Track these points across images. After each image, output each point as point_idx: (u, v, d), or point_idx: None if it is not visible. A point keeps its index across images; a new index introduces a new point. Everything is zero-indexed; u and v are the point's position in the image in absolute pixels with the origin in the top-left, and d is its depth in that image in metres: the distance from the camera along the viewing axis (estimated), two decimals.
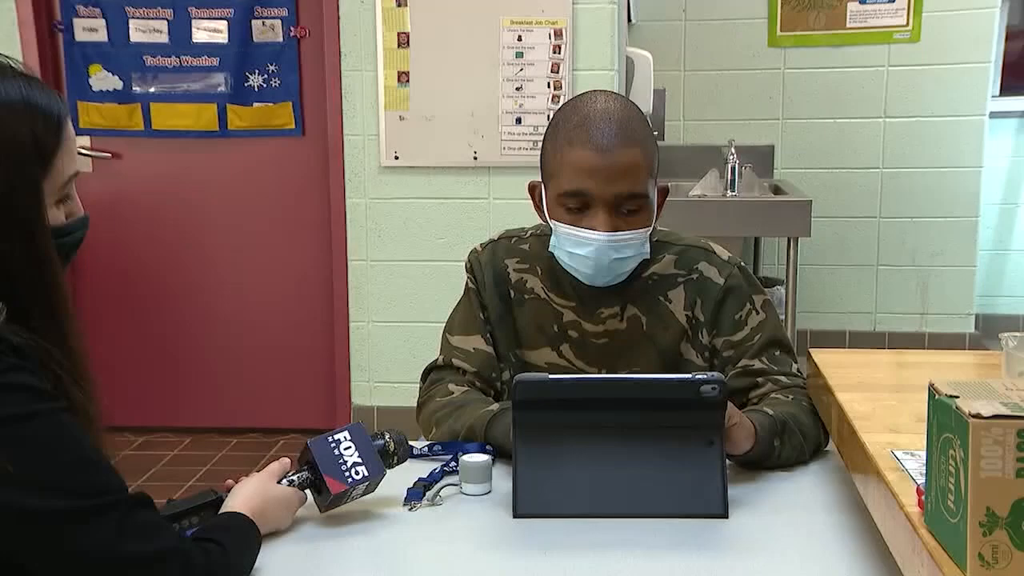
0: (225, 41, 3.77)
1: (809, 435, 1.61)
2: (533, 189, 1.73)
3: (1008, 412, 0.91)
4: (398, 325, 3.81)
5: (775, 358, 1.70)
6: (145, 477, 3.55)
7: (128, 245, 3.95)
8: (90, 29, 3.80)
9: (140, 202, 3.94)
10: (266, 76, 3.79)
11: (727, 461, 1.46)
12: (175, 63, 3.80)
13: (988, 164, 4.76)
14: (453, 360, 1.77)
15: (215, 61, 3.79)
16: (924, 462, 1.04)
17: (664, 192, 1.71)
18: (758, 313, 1.72)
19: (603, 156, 1.58)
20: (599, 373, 1.72)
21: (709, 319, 1.72)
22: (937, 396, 0.99)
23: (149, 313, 4.01)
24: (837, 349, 1.89)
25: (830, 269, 4.89)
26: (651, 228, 1.66)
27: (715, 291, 1.71)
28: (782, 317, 3.63)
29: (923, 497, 1.04)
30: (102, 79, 3.83)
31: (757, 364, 1.69)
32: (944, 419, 0.97)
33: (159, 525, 1.17)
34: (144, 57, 3.80)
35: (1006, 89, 4.98)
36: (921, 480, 1.09)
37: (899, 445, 1.25)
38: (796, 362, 1.74)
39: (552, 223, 1.67)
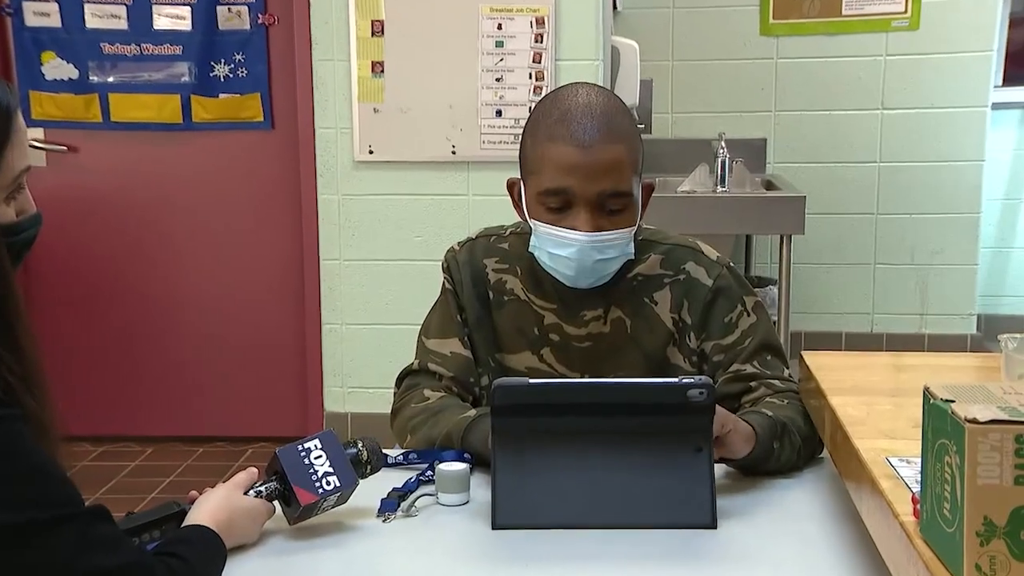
0: (189, 28, 3.76)
1: (806, 439, 1.62)
2: (512, 186, 1.74)
3: (1005, 417, 0.91)
4: (373, 327, 3.81)
5: (767, 362, 1.71)
6: (104, 489, 3.53)
7: (85, 244, 3.93)
8: (42, 13, 3.78)
9: (98, 198, 3.92)
10: (233, 66, 3.78)
11: (718, 467, 1.47)
12: (135, 51, 3.78)
13: (990, 157, 4.78)
14: (429, 364, 1.77)
15: (178, 49, 3.77)
16: (920, 469, 1.05)
17: (650, 189, 1.71)
18: (749, 315, 1.72)
19: (585, 152, 1.58)
20: (581, 378, 1.73)
21: (697, 322, 1.72)
22: (932, 400, 0.99)
23: (108, 315, 3.99)
24: (832, 351, 1.90)
25: (825, 268, 4.91)
26: (636, 227, 1.67)
27: (703, 292, 1.72)
28: (775, 319, 3.65)
29: (918, 506, 1.05)
30: (56, 67, 3.80)
31: (749, 368, 1.70)
32: (939, 424, 0.98)
33: (119, 539, 1.16)
34: (102, 44, 3.78)
35: (1009, 79, 5.00)
36: (917, 488, 1.10)
37: (894, 452, 1.26)
38: (788, 367, 1.75)
39: (532, 222, 1.67)
